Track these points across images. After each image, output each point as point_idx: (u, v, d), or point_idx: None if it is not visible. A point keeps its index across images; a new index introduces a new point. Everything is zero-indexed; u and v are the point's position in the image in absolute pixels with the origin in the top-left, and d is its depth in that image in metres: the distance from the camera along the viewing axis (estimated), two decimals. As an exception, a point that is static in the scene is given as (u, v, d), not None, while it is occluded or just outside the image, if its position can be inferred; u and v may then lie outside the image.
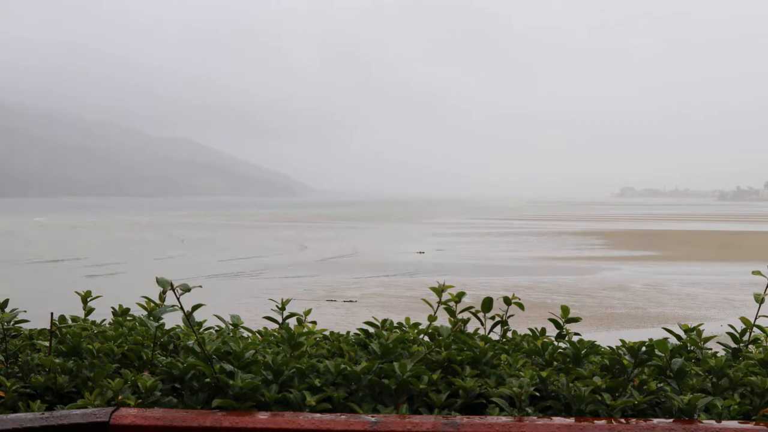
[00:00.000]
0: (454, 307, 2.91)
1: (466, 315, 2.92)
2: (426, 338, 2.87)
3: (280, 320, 3.17)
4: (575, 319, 3.02)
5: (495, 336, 2.95)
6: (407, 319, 3.05)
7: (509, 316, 2.97)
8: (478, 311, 2.94)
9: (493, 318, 2.96)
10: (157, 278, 2.31)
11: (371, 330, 2.98)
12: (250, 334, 2.98)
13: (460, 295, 2.95)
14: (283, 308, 3.18)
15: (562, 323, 3.00)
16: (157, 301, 3.02)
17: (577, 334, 2.97)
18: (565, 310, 3.02)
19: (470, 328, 2.90)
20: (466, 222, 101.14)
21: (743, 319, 2.87)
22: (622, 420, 2.12)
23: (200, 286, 2.43)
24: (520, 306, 2.99)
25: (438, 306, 2.93)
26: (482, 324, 2.93)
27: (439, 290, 2.93)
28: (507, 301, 2.98)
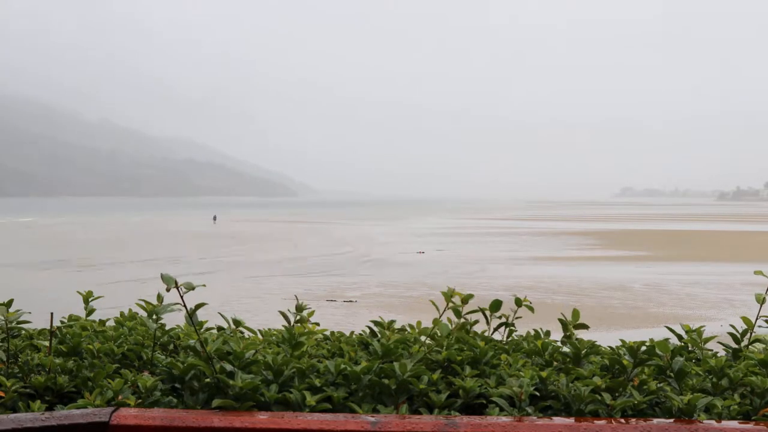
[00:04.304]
0: (461, 309, 2.90)
1: (471, 317, 2.90)
2: (427, 339, 2.87)
3: (292, 322, 3.15)
4: (583, 326, 2.94)
5: (498, 337, 2.95)
6: (418, 323, 3.01)
7: (517, 318, 2.94)
8: (485, 309, 2.91)
9: (499, 318, 2.94)
10: (162, 274, 2.30)
11: (376, 329, 2.98)
12: (250, 334, 2.98)
13: (468, 298, 2.91)
14: (300, 310, 3.11)
15: (570, 327, 2.94)
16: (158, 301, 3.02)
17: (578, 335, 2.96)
18: (575, 314, 2.94)
19: (476, 330, 2.89)
20: (465, 222, 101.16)
21: (744, 319, 2.87)
22: (622, 420, 2.12)
23: (204, 285, 2.43)
24: (530, 308, 2.94)
25: (444, 310, 2.90)
26: (488, 323, 2.92)
27: (448, 295, 2.90)
28: (518, 302, 2.95)
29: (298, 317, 3.14)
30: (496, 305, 2.88)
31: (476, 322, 2.87)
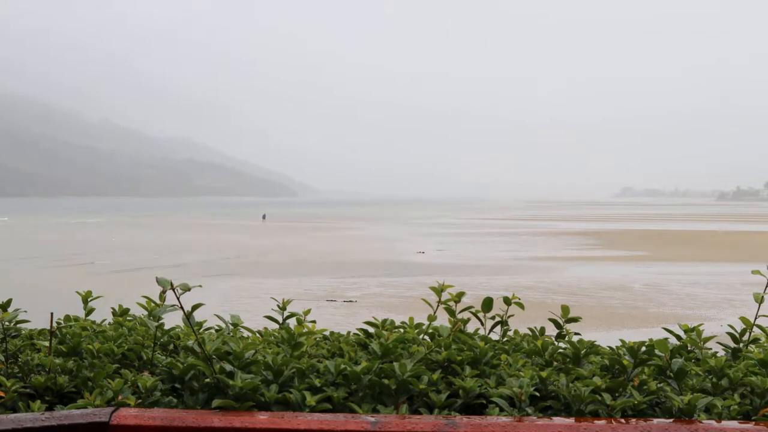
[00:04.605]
0: (454, 307, 2.91)
1: (466, 315, 2.92)
2: (426, 338, 2.87)
3: (281, 320, 3.17)
4: (575, 319, 3.02)
5: (495, 336, 2.95)
6: (410, 319, 3.04)
7: (509, 316, 2.96)
8: (478, 311, 2.93)
9: (493, 318, 2.95)
10: (157, 278, 2.30)
11: (371, 330, 2.97)
12: (250, 334, 2.98)
13: (460, 295, 2.94)
14: (283, 308, 3.18)
15: (562, 323, 3.00)
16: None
17: (577, 333, 2.97)
18: (564, 309, 3.02)
19: (470, 328, 2.90)
20: (465, 222, 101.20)
21: (743, 319, 2.87)
22: (622, 420, 2.12)
23: (200, 286, 2.43)
24: (520, 306, 2.98)
25: (438, 306, 2.92)
26: (482, 324, 2.93)
27: (439, 290, 2.92)
28: (507, 301, 2.97)
29: (288, 315, 3.15)
30: (488, 303, 2.88)
31: (468, 320, 2.88)
